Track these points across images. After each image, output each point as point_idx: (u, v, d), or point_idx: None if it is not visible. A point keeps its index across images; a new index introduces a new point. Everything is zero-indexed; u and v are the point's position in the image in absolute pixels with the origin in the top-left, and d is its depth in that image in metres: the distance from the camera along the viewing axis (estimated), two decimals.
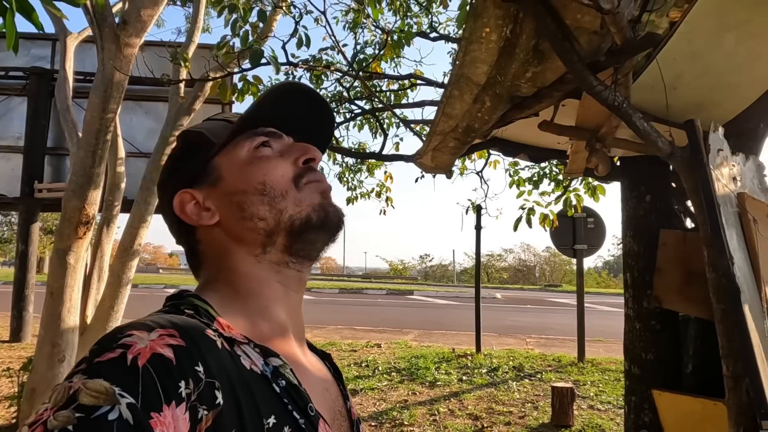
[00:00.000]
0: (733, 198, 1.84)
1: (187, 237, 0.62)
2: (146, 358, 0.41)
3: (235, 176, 0.60)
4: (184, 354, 0.43)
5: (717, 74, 2.07)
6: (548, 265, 42.96)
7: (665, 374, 2.65)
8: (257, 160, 0.61)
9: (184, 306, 0.53)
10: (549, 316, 13.70)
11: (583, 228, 6.99)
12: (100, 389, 0.39)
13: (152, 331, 0.44)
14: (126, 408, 0.38)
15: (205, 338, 0.47)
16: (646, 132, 1.72)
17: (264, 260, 0.59)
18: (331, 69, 3.98)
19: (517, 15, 1.55)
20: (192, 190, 0.61)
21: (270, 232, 0.59)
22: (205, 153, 0.62)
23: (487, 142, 3.02)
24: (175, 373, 0.42)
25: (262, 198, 0.58)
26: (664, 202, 2.77)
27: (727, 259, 1.62)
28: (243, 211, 0.58)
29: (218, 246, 0.60)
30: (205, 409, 0.42)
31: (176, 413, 0.40)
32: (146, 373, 0.40)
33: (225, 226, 0.60)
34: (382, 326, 10.80)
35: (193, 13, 5.85)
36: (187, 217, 0.60)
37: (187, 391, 0.42)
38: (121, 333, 0.44)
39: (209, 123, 0.66)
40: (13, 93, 8.31)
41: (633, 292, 2.84)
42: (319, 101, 0.67)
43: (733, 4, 1.76)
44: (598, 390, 5.52)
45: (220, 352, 0.48)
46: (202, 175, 0.61)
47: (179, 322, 0.47)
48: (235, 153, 0.61)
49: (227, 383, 0.45)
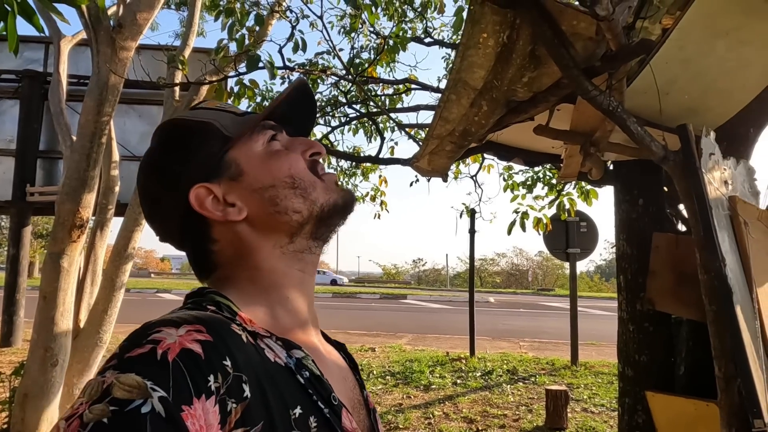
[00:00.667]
0: (725, 201, 1.87)
1: (199, 236, 0.59)
2: (176, 353, 0.42)
3: (259, 170, 0.59)
4: (211, 349, 0.44)
5: (709, 80, 2.11)
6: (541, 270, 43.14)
7: (658, 376, 2.68)
8: (275, 153, 0.61)
9: (205, 303, 0.53)
10: (542, 320, 13.75)
11: (576, 232, 7.05)
12: (133, 383, 0.39)
13: (180, 327, 0.45)
14: (158, 401, 0.39)
15: (230, 333, 0.48)
16: (640, 136, 1.75)
17: (289, 251, 0.59)
18: (328, 73, 3.99)
19: (514, 21, 1.58)
20: (209, 184, 0.58)
21: (303, 223, 0.59)
22: (216, 145, 0.60)
23: (483, 146, 3.05)
24: (204, 367, 0.43)
25: (294, 191, 0.59)
26: (657, 205, 2.80)
27: (719, 261, 1.65)
28: (276, 206, 0.58)
29: (242, 242, 0.58)
30: (234, 402, 0.43)
31: (206, 406, 0.41)
32: (176, 368, 0.41)
33: (254, 221, 0.58)
34: (375, 330, 10.79)
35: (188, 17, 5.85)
36: (209, 212, 0.57)
37: (216, 384, 0.42)
38: (150, 329, 0.45)
39: (209, 113, 0.63)
40: (5, 96, 8.26)
41: (626, 295, 2.87)
42: (307, 93, 0.68)
43: (723, 12, 1.80)
44: (592, 393, 5.55)
45: (246, 347, 0.48)
46: (218, 169, 0.59)
47: (205, 318, 0.48)
48: (249, 146, 0.60)
49: (254, 376, 0.46)
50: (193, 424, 0.40)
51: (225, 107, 0.65)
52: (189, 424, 0.39)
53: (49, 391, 3.56)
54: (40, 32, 1.73)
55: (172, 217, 0.60)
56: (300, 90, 0.65)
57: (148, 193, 0.62)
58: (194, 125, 0.61)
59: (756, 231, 1.93)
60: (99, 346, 4.16)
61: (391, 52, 4.04)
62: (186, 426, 0.39)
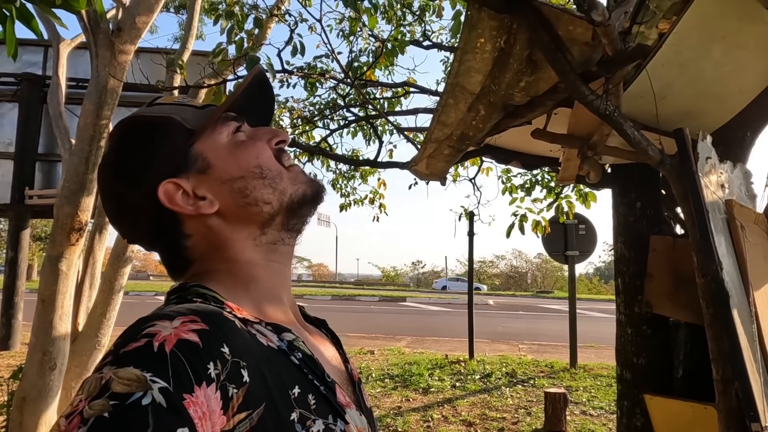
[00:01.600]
0: (722, 205, 1.88)
1: (171, 233, 0.59)
2: (173, 343, 0.42)
3: (227, 162, 0.59)
4: (209, 337, 0.44)
5: (705, 84, 2.12)
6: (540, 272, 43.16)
7: (656, 378, 2.68)
8: (242, 144, 0.61)
9: (190, 296, 0.53)
10: (541, 322, 13.75)
11: (575, 234, 7.05)
12: (132, 377, 0.39)
13: (174, 320, 0.45)
14: (158, 392, 0.39)
15: (225, 320, 0.48)
16: (636, 140, 1.76)
17: (262, 242, 0.60)
18: (326, 77, 4.00)
19: (511, 26, 1.58)
20: (177, 179, 0.57)
21: (274, 214, 0.59)
22: (180, 139, 0.59)
23: (481, 149, 3.05)
24: (203, 355, 0.43)
25: (262, 181, 0.59)
26: (655, 208, 2.81)
27: (716, 265, 1.66)
28: (246, 197, 0.58)
29: (215, 235, 0.58)
30: (234, 388, 0.43)
31: (207, 393, 0.41)
32: (175, 358, 0.41)
33: (225, 213, 0.58)
34: (374, 333, 10.78)
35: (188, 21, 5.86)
36: (180, 207, 0.57)
37: (216, 371, 0.43)
38: (143, 324, 0.44)
39: (168, 108, 0.62)
40: (4, 99, 8.26)
41: (624, 298, 2.88)
42: (265, 84, 0.67)
43: (719, 17, 1.81)
44: (591, 395, 5.55)
45: (241, 332, 0.49)
46: (185, 163, 0.58)
47: (198, 308, 0.48)
48: (214, 139, 0.60)
49: (252, 361, 0.46)
50: (196, 411, 0.40)
51: (183, 101, 0.64)
52: (191, 412, 0.40)
53: (47, 394, 3.56)
54: (39, 37, 1.74)
55: (140, 217, 0.59)
56: (258, 80, 0.65)
57: (111, 194, 0.60)
58: (155, 121, 0.60)
59: (753, 234, 1.94)
60: (97, 350, 4.15)
61: (389, 55, 4.05)
62: (189, 414, 0.39)
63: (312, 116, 5.28)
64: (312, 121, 5.23)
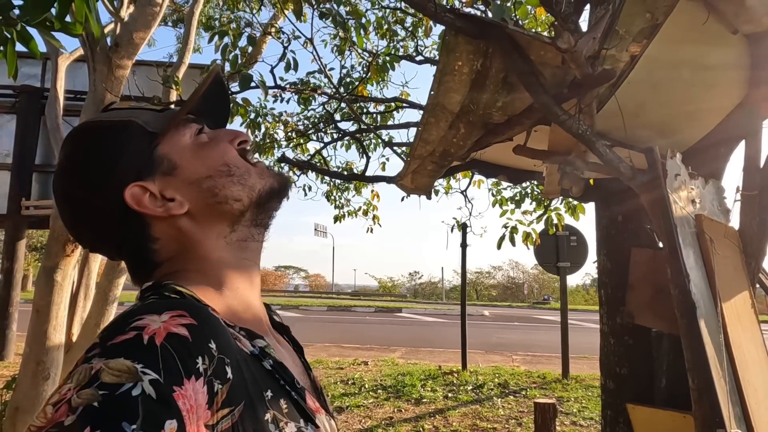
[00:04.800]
0: (691, 219, 1.96)
1: (137, 238, 0.58)
2: (162, 337, 0.43)
3: (193, 162, 0.59)
4: (197, 332, 0.45)
5: (677, 103, 2.22)
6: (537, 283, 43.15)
7: (639, 388, 2.74)
8: (206, 145, 0.61)
9: (167, 293, 0.53)
10: (536, 333, 13.78)
11: (566, 246, 7.13)
12: (122, 368, 0.40)
13: (162, 314, 0.45)
14: (149, 384, 0.39)
15: (211, 316, 0.49)
16: (608, 158, 1.85)
17: (232, 240, 0.60)
18: (319, 92, 4.10)
19: (486, 50, 1.67)
20: (142, 182, 0.57)
21: (243, 210, 0.60)
22: (143, 142, 0.58)
23: (467, 164, 3.14)
24: (192, 349, 0.44)
25: (230, 179, 0.59)
26: (636, 221, 2.89)
27: (683, 277, 1.74)
28: (216, 196, 0.58)
29: (184, 236, 0.58)
30: (219, 384, 0.44)
31: (196, 387, 0.42)
32: (165, 351, 0.42)
33: (195, 213, 0.58)
34: (369, 344, 10.80)
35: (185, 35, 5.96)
36: (149, 210, 0.56)
37: (204, 366, 0.44)
38: (131, 317, 0.45)
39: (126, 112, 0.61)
40: (3, 110, 8.35)
41: (607, 309, 2.95)
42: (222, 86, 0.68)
43: (686, 41, 1.91)
44: (581, 406, 5.60)
45: (225, 330, 0.50)
46: (149, 166, 0.58)
47: (185, 303, 0.49)
48: (178, 140, 0.60)
49: (234, 358, 0.48)
50: (184, 404, 0.41)
51: (140, 105, 0.64)
52: (180, 404, 0.40)
53: (41, 404, 3.58)
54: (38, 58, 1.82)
55: (104, 223, 0.58)
56: (215, 83, 0.65)
57: (71, 201, 0.59)
58: (114, 125, 0.59)
59: (722, 248, 2.02)
60: None
61: (380, 71, 4.15)
62: (178, 406, 0.40)
63: (306, 129, 5.37)
64: (306, 135, 5.32)
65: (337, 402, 5.68)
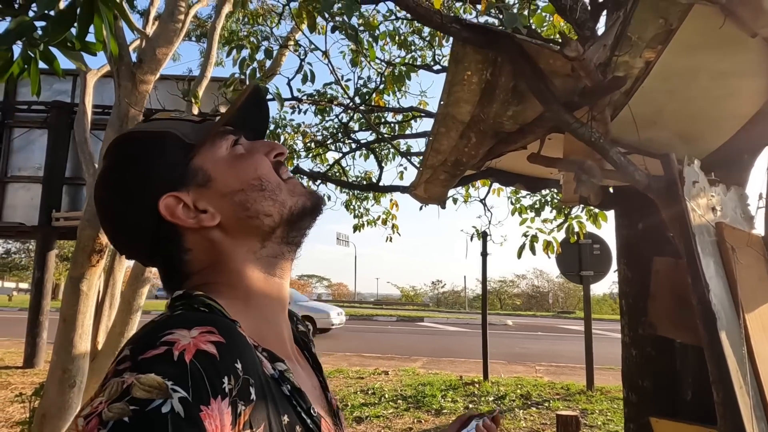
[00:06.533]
0: (711, 228, 1.91)
1: (170, 247, 0.58)
2: (192, 353, 0.42)
3: (227, 175, 0.59)
4: (225, 350, 0.45)
5: (696, 109, 2.17)
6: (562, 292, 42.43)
7: (662, 401, 2.66)
8: (241, 157, 0.61)
9: (197, 305, 0.53)
10: (560, 344, 13.52)
11: (589, 254, 7.00)
12: (153, 384, 0.40)
13: (192, 329, 0.45)
14: (178, 401, 0.39)
15: (239, 335, 0.49)
16: (622, 165, 1.81)
17: (262, 256, 0.60)
18: (335, 103, 4.14)
19: (495, 60, 1.67)
20: (177, 193, 0.57)
21: (274, 226, 0.60)
22: (179, 153, 0.59)
23: (482, 172, 3.12)
24: (219, 368, 0.43)
25: (262, 194, 0.59)
26: (657, 229, 2.82)
27: (702, 287, 1.69)
28: (247, 210, 0.58)
29: (216, 249, 0.58)
30: (243, 405, 0.44)
31: (221, 407, 0.42)
32: (194, 368, 0.42)
33: (226, 226, 0.58)
34: (390, 353, 10.76)
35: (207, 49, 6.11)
36: (182, 221, 0.57)
37: (230, 386, 0.43)
38: (162, 331, 0.45)
39: (165, 123, 0.62)
40: (35, 125, 8.66)
41: (628, 319, 2.88)
42: (261, 99, 0.69)
43: (702, 47, 1.87)
44: (606, 419, 5.46)
45: (251, 349, 0.49)
46: (185, 177, 0.58)
47: (215, 319, 0.48)
48: (214, 152, 0.60)
49: (257, 380, 0.47)
50: (210, 424, 0.41)
51: (181, 116, 0.64)
52: (207, 424, 0.40)
53: (67, 412, 3.68)
54: (60, 76, 1.89)
55: (139, 231, 0.58)
56: (253, 96, 0.66)
57: (110, 211, 0.60)
58: (153, 136, 0.60)
59: (745, 256, 1.96)
60: None
61: (397, 80, 4.17)
62: (204, 426, 0.40)
63: (324, 140, 5.42)
64: (324, 145, 5.37)
65: (356, 412, 5.66)
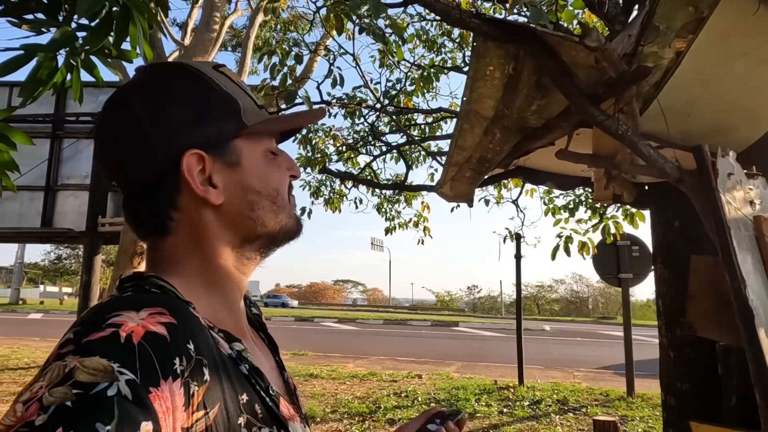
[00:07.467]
0: (749, 221, 1.83)
1: (166, 196, 0.56)
2: (140, 335, 0.42)
3: (255, 172, 0.59)
4: (176, 331, 0.44)
5: (732, 99, 2.09)
6: (603, 297, 41.26)
7: (703, 405, 2.56)
8: (272, 163, 0.61)
9: (148, 286, 0.52)
10: (600, 349, 13.14)
11: (628, 256, 6.79)
12: (98, 366, 0.38)
13: (141, 310, 0.44)
14: (125, 384, 0.38)
15: (191, 316, 0.48)
16: (652, 158, 1.77)
17: (239, 253, 0.60)
18: (363, 105, 4.19)
19: (517, 54, 1.66)
20: (206, 155, 0.56)
21: (260, 236, 0.60)
22: (232, 125, 0.58)
23: (511, 171, 3.09)
24: (170, 349, 0.43)
25: (272, 205, 0.60)
26: (694, 227, 2.72)
27: (738, 282, 1.62)
28: (252, 211, 0.58)
29: (201, 225, 0.57)
30: (196, 386, 0.44)
31: (173, 388, 0.41)
32: (143, 350, 0.41)
33: (223, 212, 0.57)
34: (424, 357, 10.71)
35: (241, 57, 6.30)
36: (191, 180, 0.55)
37: (181, 367, 0.43)
38: (107, 313, 0.43)
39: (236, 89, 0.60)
40: (82, 136, 9.11)
41: (666, 320, 2.79)
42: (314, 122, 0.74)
43: (737, 34, 1.80)
44: (647, 426, 5.27)
45: (204, 330, 0.49)
46: (222, 147, 0.57)
47: (165, 300, 0.48)
48: (256, 145, 0.60)
49: (211, 359, 0.47)
50: (161, 405, 0.40)
51: (248, 89, 0.62)
52: (156, 406, 0.39)
53: None
54: (101, 85, 1.99)
55: (148, 163, 0.55)
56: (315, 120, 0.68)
57: (132, 122, 0.55)
58: (223, 97, 0.58)
59: None
60: None
61: (426, 82, 4.19)
62: (154, 408, 0.39)
63: (355, 143, 5.48)
64: (355, 148, 5.43)
65: (389, 414, 5.66)
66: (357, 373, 8.25)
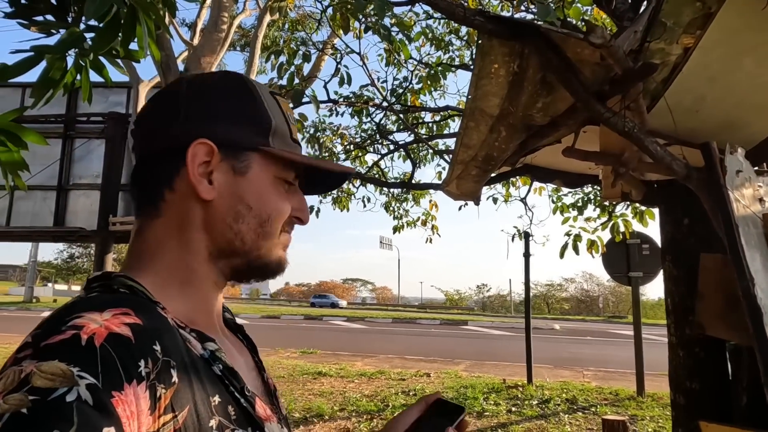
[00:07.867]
0: (757, 219, 1.81)
1: (166, 173, 0.56)
2: (103, 337, 0.40)
3: (256, 188, 0.58)
4: (141, 332, 0.43)
5: (740, 95, 2.07)
6: (613, 296, 40.95)
7: (712, 404, 2.54)
8: (280, 193, 0.60)
9: (116, 286, 0.50)
10: (610, 348, 13.05)
11: (638, 254, 6.74)
12: (56, 371, 0.37)
13: (104, 311, 0.43)
14: (85, 389, 0.37)
15: (158, 316, 0.47)
16: (659, 155, 1.76)
17: (213, 263, 0.58)
18: (370, 104, 4.19)
19: (522, 51, 1.66)
20: (218, 149, 0.56)
21: (235, 252, 0.58)
22: (255, 139, 0.58)
23: (519, 169, 3.08)
24: (135, 351, 0.41)
25: (258, 227, 0.58)
26: (703, 225, 2.70)
27: (747, 281, 1.61)
28: (235, 222, 0.57)
29: (188, 217, 0.56)
30: (163, 388, 0.42)
31: (137, 392, 0.40)
32: (105, 353, 0.39)
33: (210, 212, 0.56)
34: (433, 356, 10.70)
35: (249, 57, 6.33)
36: (191, 166, 0.54)
37: (147, 370, 0.41)
38: (69, 315, 0.42)
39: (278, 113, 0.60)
40: (94, 136, 9.20)
41: (675, 318, 2.77)
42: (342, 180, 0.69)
43: (745, 29, 1.78)
44: (657, 425, 5.23)
45: (173, 330, 0.47)
46: (235, 152, 0.57)
47: (131, 300, 0.47)
48: (270, 167, 0.59)
49: (180, 360, 0.45)
50: (124, 410, 0.38)
51: (291, 121, 0.63)
52: (120, 411, 0.38)
53: None
54: (109, 85, 2.02)
55: (166, 135, 0.56)
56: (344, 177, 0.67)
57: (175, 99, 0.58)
58: (261, 111, 0.59)
59: None
60: None
61: (433, 80, 4.18)
62: (116, 413, 0.37)
63: (363, 141, 5.49)
64: (363, 147, 5.44)
65: (396, 412, 5.66)
66: (365, 372, 8.27)
